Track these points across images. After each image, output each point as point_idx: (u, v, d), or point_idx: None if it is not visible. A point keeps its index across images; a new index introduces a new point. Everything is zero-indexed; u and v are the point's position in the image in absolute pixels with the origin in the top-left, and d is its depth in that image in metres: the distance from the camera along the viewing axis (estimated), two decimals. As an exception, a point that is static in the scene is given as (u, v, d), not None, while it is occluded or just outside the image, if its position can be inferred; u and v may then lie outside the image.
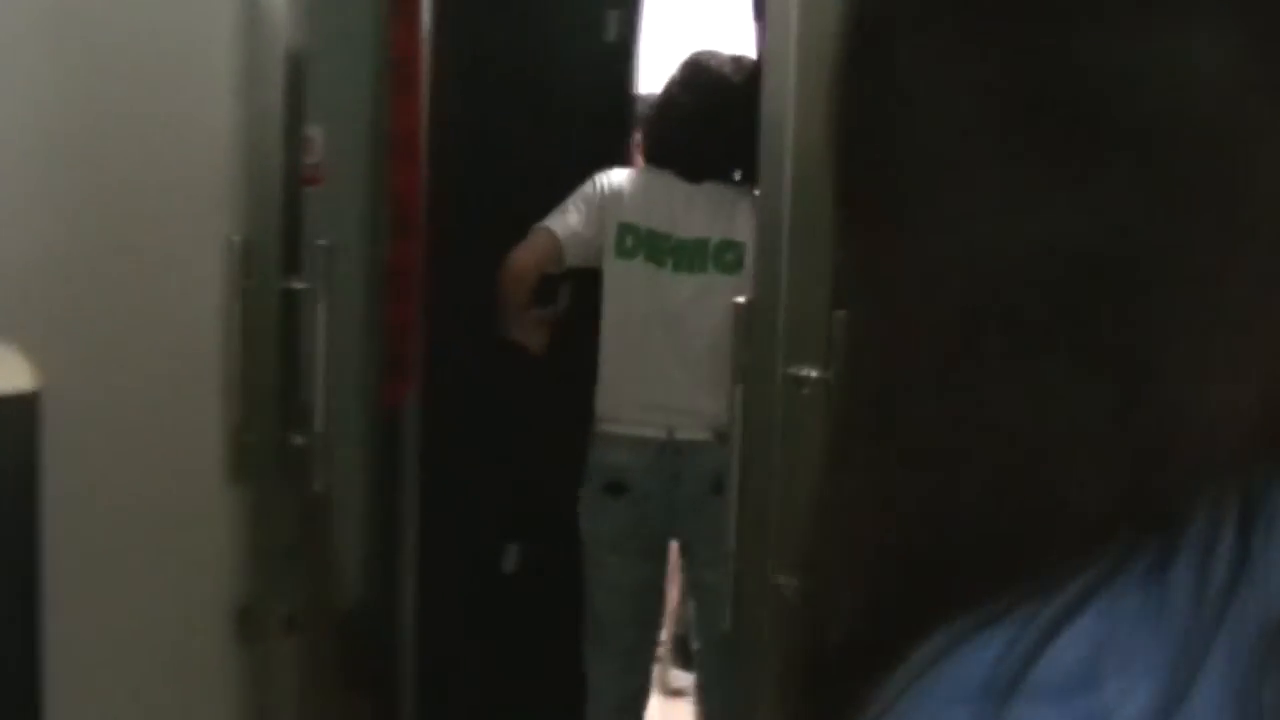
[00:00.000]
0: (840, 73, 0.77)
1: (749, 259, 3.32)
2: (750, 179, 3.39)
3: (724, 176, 3.86)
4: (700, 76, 3.91)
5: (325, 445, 3.18)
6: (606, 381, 3.88)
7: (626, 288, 3.85)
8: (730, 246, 3.74)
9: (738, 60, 3.89)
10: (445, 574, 4.16)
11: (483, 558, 4.21)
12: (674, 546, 4.06)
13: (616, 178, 3.92)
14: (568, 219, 3.87)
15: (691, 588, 4.15)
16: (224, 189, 3.06)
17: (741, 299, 2.47)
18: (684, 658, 4.46)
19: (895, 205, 0.75)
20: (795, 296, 2.38)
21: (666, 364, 3.78)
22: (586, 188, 3.91)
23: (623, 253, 3.84)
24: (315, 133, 3.44)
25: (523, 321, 3.98)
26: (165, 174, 2.98)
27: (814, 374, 2.35)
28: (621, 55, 4.41)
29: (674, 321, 3.79)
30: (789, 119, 2.37)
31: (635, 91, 4.44)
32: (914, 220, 0.74)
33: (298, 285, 3.13)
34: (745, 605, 2.51)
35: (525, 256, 3.89)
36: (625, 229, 3.83)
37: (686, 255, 3.81)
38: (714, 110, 3.82)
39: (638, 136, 4.22)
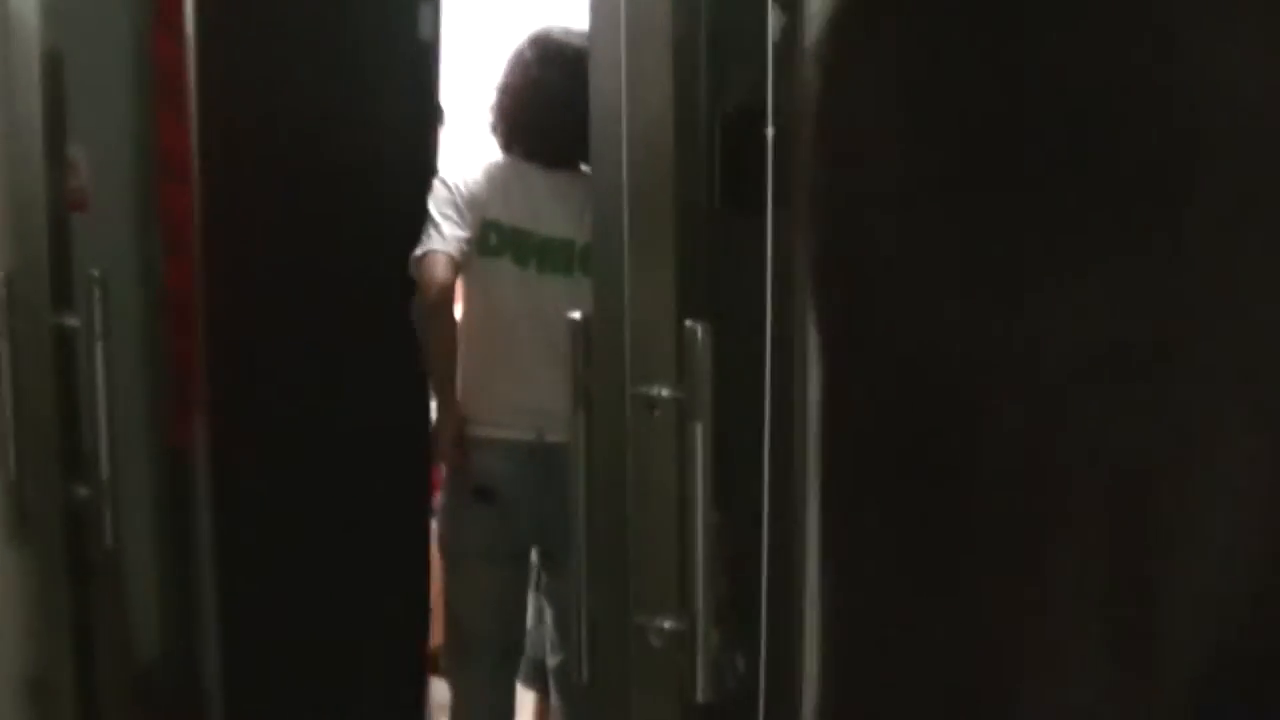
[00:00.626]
0: None
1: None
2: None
3: (583, 161, 3.62)
4: (555, 51, 3.67)
5: (113, 496, 2.90)
6: (471, 383, 3.70)
7: (491, 288, 3.66)
8: None
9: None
10: (251, 624, 3.89)
11: (292, 599, 3.94)
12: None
13: (469, 173, 3.69)
14: (445, 231, 3.61)
15: (549, 594, 3.94)
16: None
17: (577, 314, 2.24)
18: (532, 677, 4.24)
19: None
20: (639, 307, 2.16)
21: (535, 367, 3.59)
22: (440, 193, 3.66)
23: (486, 251, 3.64)
24: (78, 152, 3.16)
25: (451, 388, 3.73)
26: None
27: (665, 393, 2.14)
28: (427, 53, 4.10)
29: (541, 324, 3.58)
30: (622, 104, 2.15)
31: (438, 91, 4.11)
32: None
33: (70, 321, 2.84)
34: (603, 651, 2.29)
35: (429, 280, 3.61)
36: (489, 226, 3.63)
37: (552, 256, 3.62)
38: (578, 86, 3.58)
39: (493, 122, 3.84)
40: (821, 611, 1.04)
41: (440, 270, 3.59)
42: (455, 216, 3.61)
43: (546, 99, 3.62)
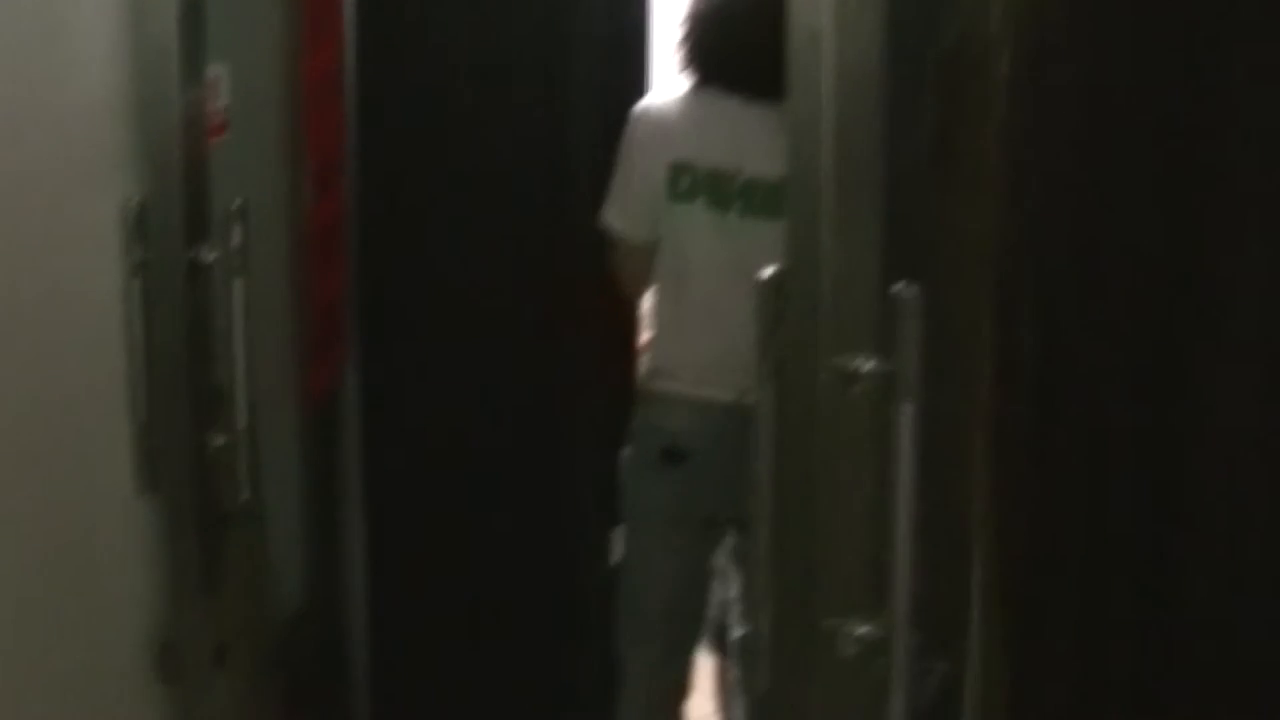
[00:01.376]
0: None
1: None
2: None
3: None
4: None
5: (249, 445, 2.69)
6: (662, 334, 3.44)
7: (685, 237, 3.34)
8: None
9: None
10: (401, 579, 3.68)
11: (441, 556, 3.72)
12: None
13: (660, 109, 3.38)
14: (630, 207, 3.38)
15: (740, 560, 3.66)
16: (113, 143, 2.58)
17: (767, 272, 1.96)
18: (715, 643, 3.99)
19: None
20: (840, 265, 1.88)
21: (734, 321, 3.27)
22: (628, 139, 3.38)
23: (677, 197, 3.32)
24: (219, 72, 2.93)
25: None
26: (40, 129, 2.44)
27: (867, 366, 1.86)
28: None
29: (743, 274, 3.27)
30: (824, 29, 1.87)
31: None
32: None
33: (207, 255, 2.63)
34: (787, 658, 2.02)
35: (628, 285, 3.51)
36: (679, 169, 3.31)
37: (758, 198, 3.28)
38: (771, 7, 3.29)
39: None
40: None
41: (631, 270, 3.47)
42: (636, 176, 3.35)
43: (738, 23, 3.28)
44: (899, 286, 1.81)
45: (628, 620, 3.55)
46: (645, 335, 3.49)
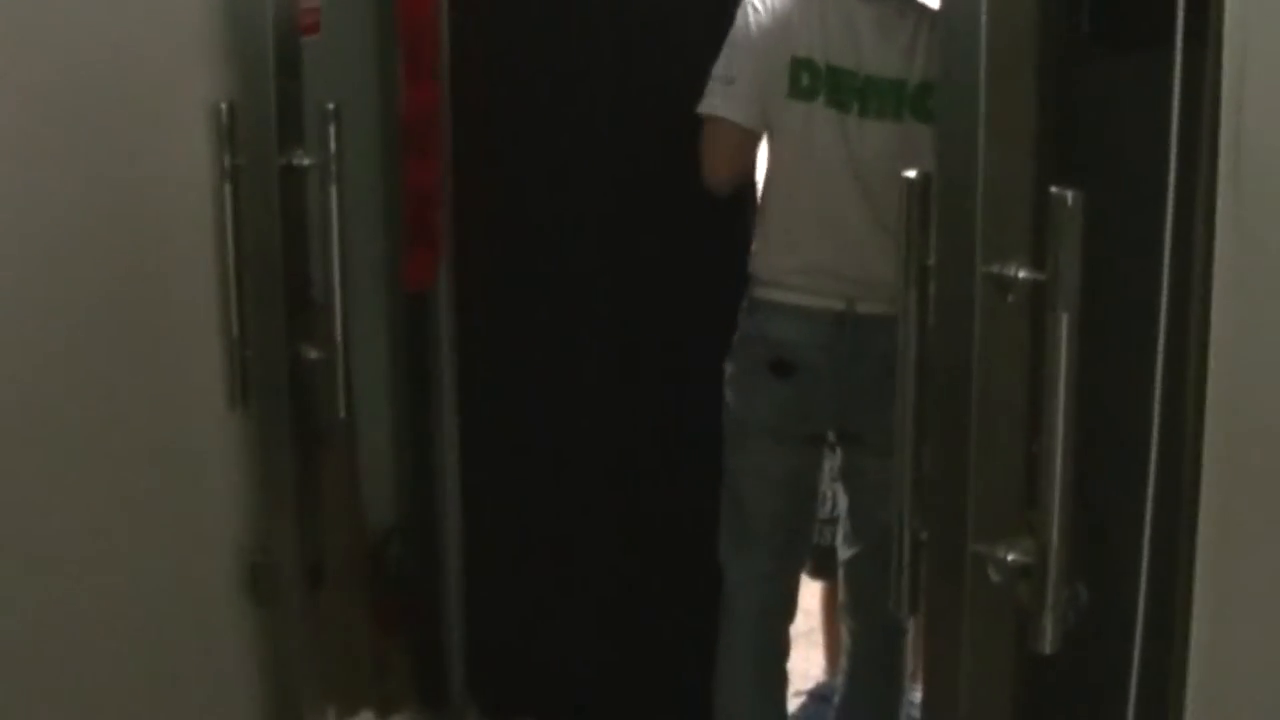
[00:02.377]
0: None
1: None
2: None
3: None
4: None
5: (345, 359, 2.58)
6: (770, 240, 3.28)
7: (802, 135, 3.19)
8: (932, 90, 3.07)
9: None
10: (494, 497, 3.59)
11: (536, 466, 3.62)
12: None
13: (776, 1, 3.20)
14: (738, 90, 3.19)
15: (847, 477, 3.51)
16: (203, 42, 2.47)
17: (912, 173, 1.82)
18: (821, 566, 3.88)
19: None
20: (994, 166, 1.74)
21: (849, 226, 3.18)
22: (740, 29, 3.19)
23: (798, 93, 3.17)
24: (310, -31, 2.84)
25: None
26: (128, 28, 2.36)
27: (1023, 274, 1.73)
28: None
29: (860, 177, 3.17)
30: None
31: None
32: None
33: (301, 160, 2.52)
34: (929, 583, 1.91)
35: (718, 167, 3.26)
36: (800, 65, 3.16)
37: (877, 97, 3.15)
38: None
39: None
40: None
41: (728, 156, 3.26)
42: (752, 65, 3.18)
43: None
44: (1056, 190, 1.67)
45: (730, 530, 3.44)
46: (752, 241, 3.34)
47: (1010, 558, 1.80)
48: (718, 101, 3.20)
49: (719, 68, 3.20)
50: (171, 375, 2.51)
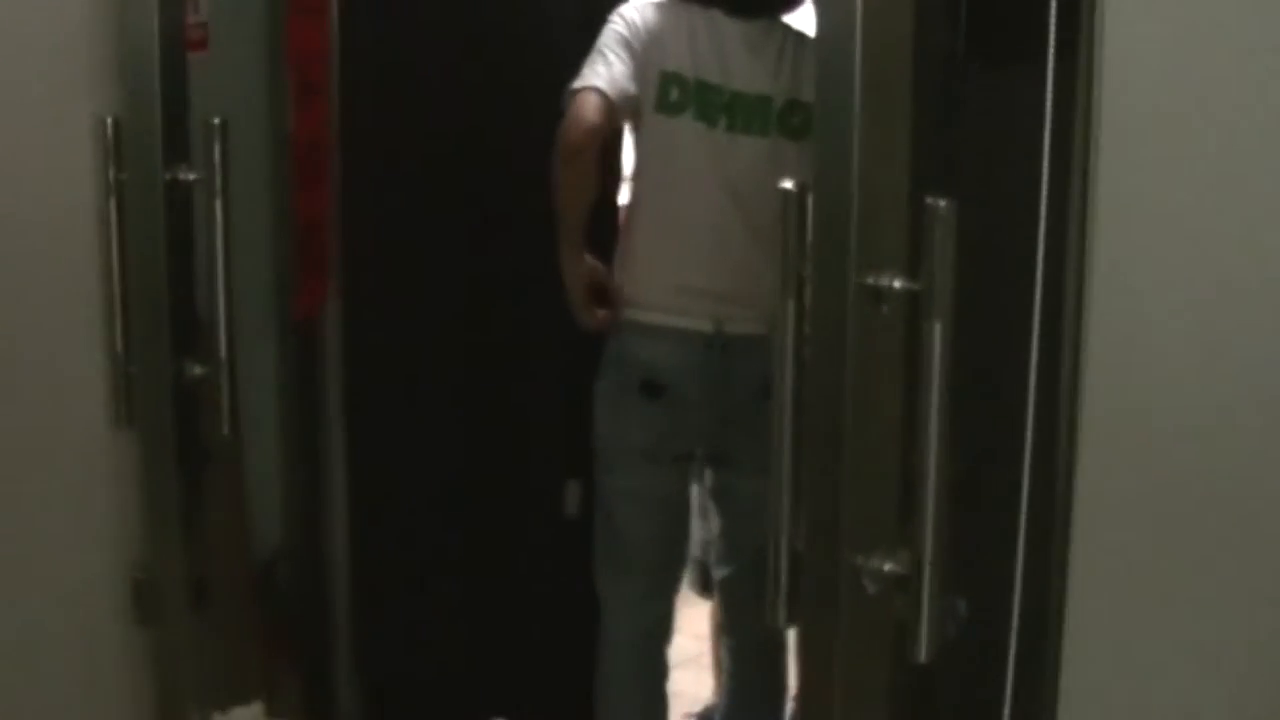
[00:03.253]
0: None
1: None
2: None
3: (778, 9, 3.24)
4: None
5: (230, 375, 2.57)
6: (638, 259, 3.26)
7: (670, 149, 3.19)
8: (798, 108, 3.14)
9: None
10: (380, 514, 3.58)
11: (424, 489, 3.62)
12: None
13: (647, 14, 3.20)
14: (609, 70, 3.14)
15: (719, 498, 3.51)
16: (87, 58, 2.48)
17: (789, 183, 1.84)
18: (703, 584, 3.88)
19: None
20: (870, 178, 1.76)
21: (716, 243, 3.18)
22: (616, 27, 3.18)
23: (665, 107, 3.17)
24: (199, -15, 2.83)
25: (578, 256, 3.29)
26: (13, 40, 2.37)
27: (897, 283, 1.75)
28: None
29: (728, 193, 3.17)
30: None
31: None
32: None
33: (186, 175, 2.52)
34: (806, 594, 1.91)
35: (577, 121, 3.12)
36: (669, 79, 3.17)
37: (744, 113, 3.17)
38: None
39: None
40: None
41: (590, 112, 3.12)
42: (624, 55, 3.15)
43: None
44: (930, 200, 1.69)
45: (606, 555, 3.43)
46: (615, 262, 3.34)
47: (886, 568, 1.81)
48: (586, 77, 3.14)
49: (587, 60, 3.17)
50: (55, 391, 2.50)
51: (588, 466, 3.43)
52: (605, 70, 3.13)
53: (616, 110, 3.15)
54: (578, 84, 3.14)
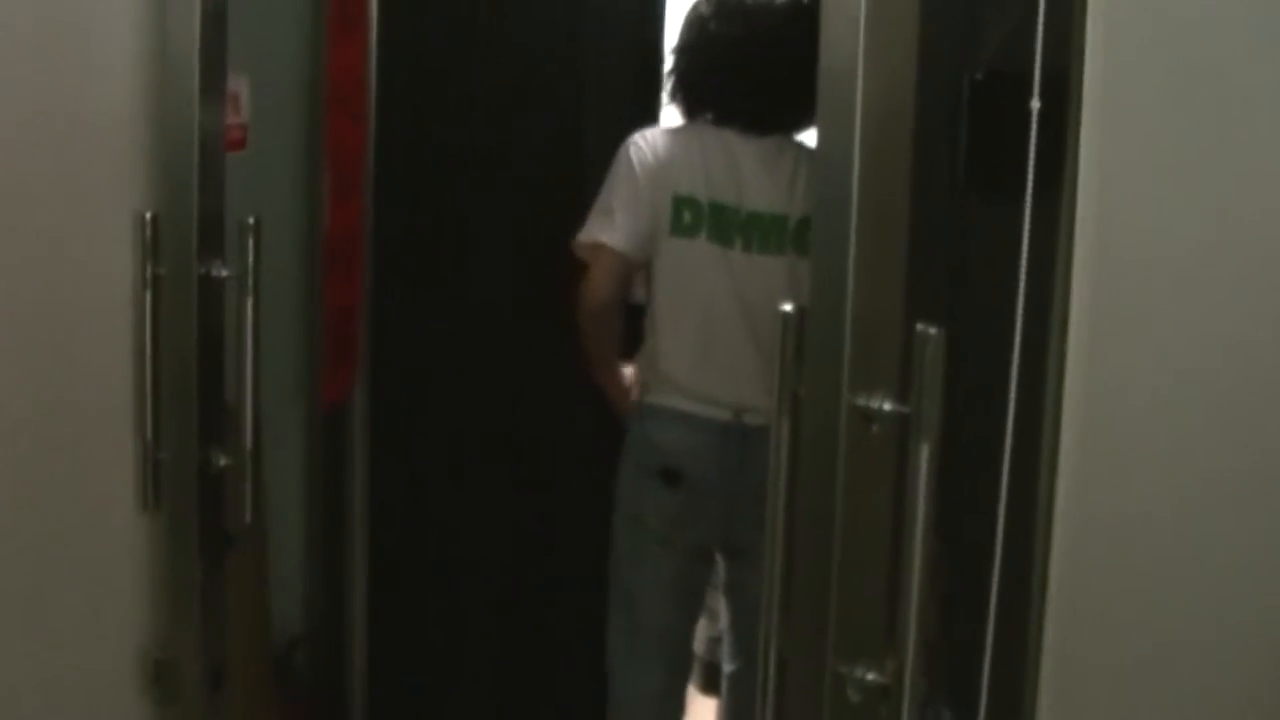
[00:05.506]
0: None
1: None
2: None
3: (791, 128, 3.28)
4: (734, 5, 3.26)
5: (255, 465, 2.64)
6: (660, 350, 3.31)
7: (685, 271, 3.25)
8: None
9: None
10: (401, 603, 3.64)
11: (443, 579, 3.68)
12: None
13: (658, 140, 3.28)
14: (618, 221, 3.22)
15: (730, 592, 3.54)
16: (129, 155, 2.53)
17: (788, 306, 1.91)
18: (711, 683, 3.91)
19: None
20: (863, 302, 1.83)
21: (735, 354, 3.24)
22: (623, 165, 3.25)
23: (680, 230, 3.23)
24: (239, 86, 2.89)
25: (614, 373, 3.42)
26: (56, 138, 2.41)
27: (887, 406, 1.81)
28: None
29: (745, 310, 3.23)
30: (858, 62, 1.81)
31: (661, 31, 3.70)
32: None
33: (220, 271, 2.58)
34: (791, 700, 1.97)
35: (596, 289, 3.25)
36: (682, 203, 3.23)
37: (760, 233, 3.22)
38: (763, 40, 3.21)
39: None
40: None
41: (609, 279, 3.24)
42: (632, 201, 3.22)
43: (730, 56, 3.24)
44: (921, 327, 1.76)
45: (620, 637, 3.45)
46: (641, 361, 3.41)
47: (869, 678, 1.87)
48: (597, 230, 3.23)
49: (599, 202, 3.25)
50: (85, 475, 2.55)
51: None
52: (622, 221, 3.21)
53: (631, 263, 3.24)
54: (588, 236, 3.23)
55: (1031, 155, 1.77)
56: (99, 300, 2.53)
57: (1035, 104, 1.76)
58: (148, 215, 2.52)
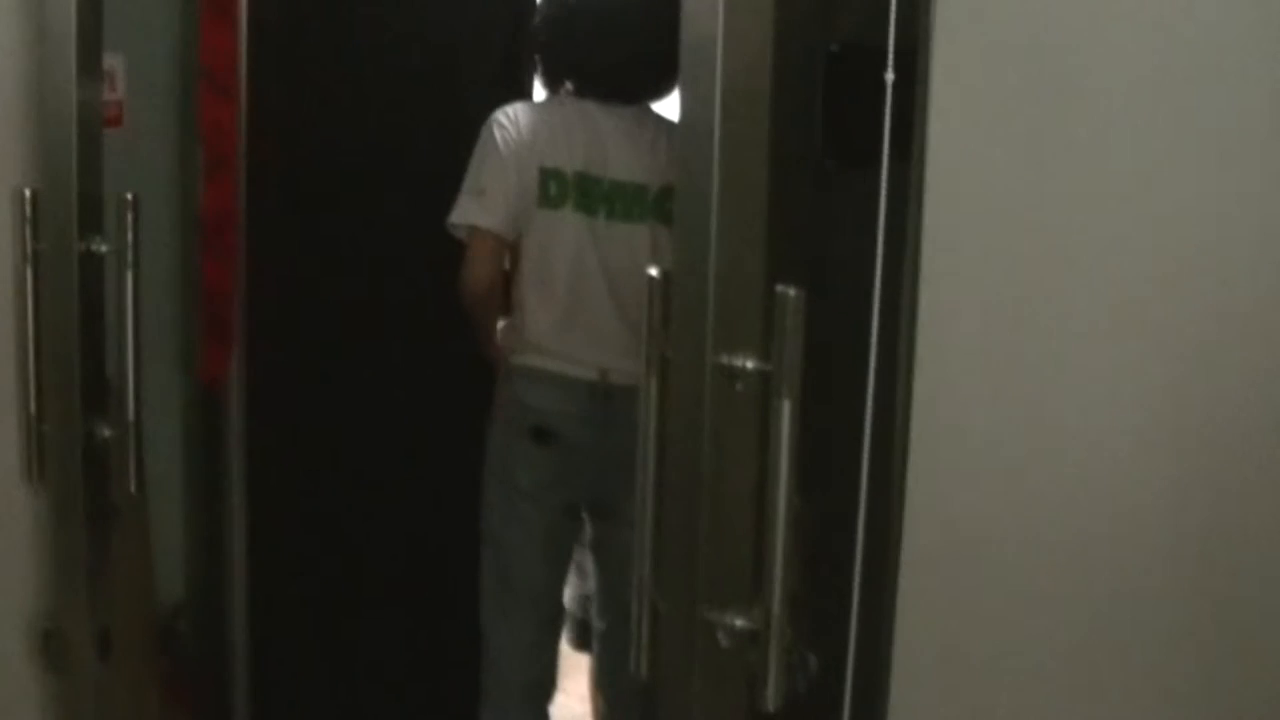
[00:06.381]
0: None
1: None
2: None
3: (650, 98, 3.37)
4: None
5: (137, 437, 2.67)
6: (528, 313, 3.38)
7: (552, 240, 3.33)
8: (673, 194, 3.24)
9: None
10: (279, 570, 3.69)
11: (320, 548, 3.74)
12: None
13: (523, 116, 3.35)
14: (490, 202, 3.30)
15: (598, 549, 3.64)
16: (7, 132, 2.59)
17: (654, 271, 1.99)
18: (582, 639, 3.98)
19: None
20: (726, 266, 1.91)
21: (600, 317, 3.33)
22: (488, 144, 3.32)
23: (548, 202, 3.31)
24: (115, 63, 2.92)
25: (497, 343, 3.49)
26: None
27: (750, 364, 1.90)
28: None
29: (609, 276, 3.33)
30: (718, 35, 1.88)
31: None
32: None
33: (99, 246, 2.60)
34: (664, 647, 2.05)
35: (478, 275, 3.32)
36: (548, 175, 3.31)
37: (623, 202, 3.32)
38: (623, 13, 3.31)
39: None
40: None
41: (487, 263, 3.32)
42: (501, 179, 3.30)
43: (590, 28, 3.33)
44: (781, 288, 1.84)
45: (494, 595, 3.52)
46: (507, 326, 3.49)
47: (738, 624, 1.96)
48: (472, 212, 3.30)
49: (468, 182, 3.31)
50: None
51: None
52: (494, 202, 3.29)
53: (506, 241, 3.32)
54: (462, 217, 3.30)
55: (886, 126, 1.85)
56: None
57: (890, 76, 1.84)
58: (27, 192, 2.54)
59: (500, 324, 3.47)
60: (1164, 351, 1.78)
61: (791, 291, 1.83)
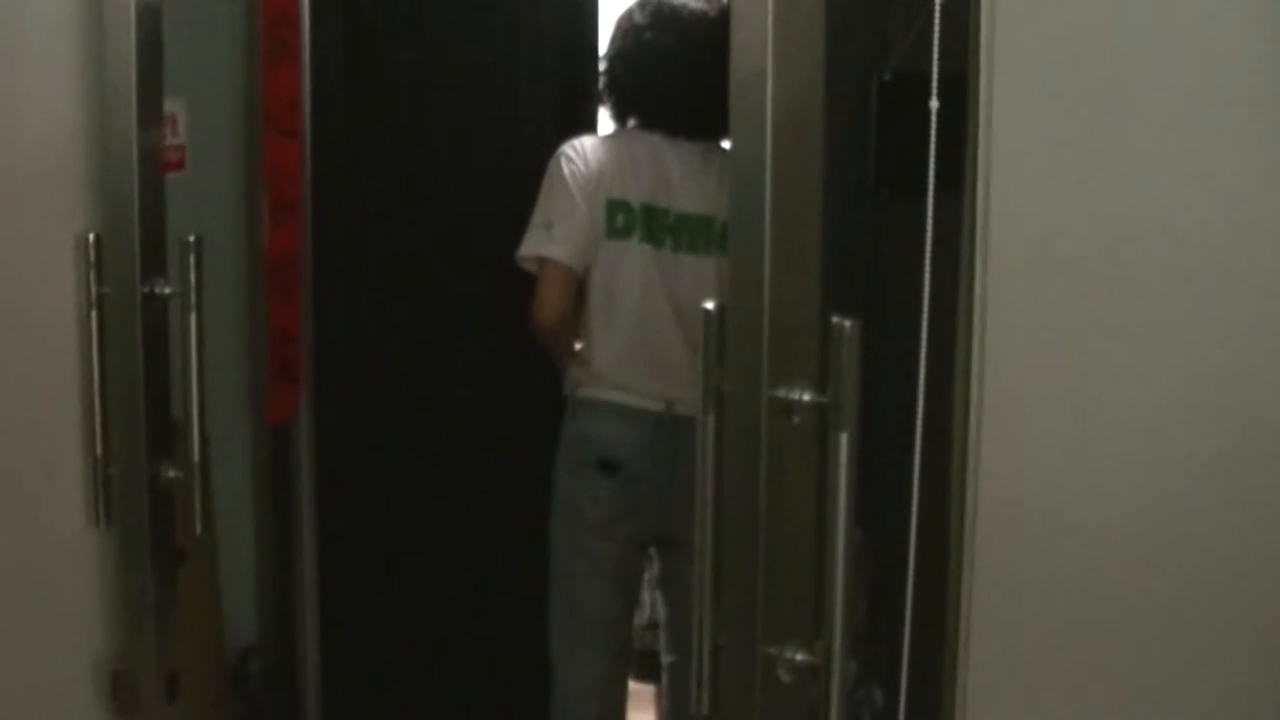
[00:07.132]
0: None
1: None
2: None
3: (716, 134, 3.36)
4: (668, 14, 3.38)
5: (203, 478, 2.68)
6: (593, 346, 3.40)
7: (619, 271, 3.36)
8: None
9: None
10: (351, 611, 3.69)
11: (390, 587, 3.74)
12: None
13: (590, 149, 3.37)
14: (558, 234, 3.31)
15: (665, 585, 3.65)
16: (70, 178, 2.59)
17: (709, 304, 1.98)
18: (647, 672, 3.97)
19: None
20: (780, 298, 1.90)
21: (666, 349, 3.35)
22: (556, 177, 3.34)
23: (614, 233, 3.34)
24: (176, 108, 2.94)
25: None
26: (3, 160, 2.48)
27: (806, 397, 1.89)
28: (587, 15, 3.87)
29: (676, 308, 3.34)
30: (767, 68, 1.87)
31: (595, 43, 3.77)
32: None
33: (163, 289, 2.62)
34: (725, 683, 2.03)
35: (549, 306, 3.33)
36: (615, 206, 3.33)
37: (689, 234, 3.34)
38: (695, 50, 3.32)
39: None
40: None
41: (558, 295, 3.32)
42: (569, 211, 3.31)
43: (663, 64, 3.36)
44: (836, 320, 1.83)
45: (563, 631, 3.52)
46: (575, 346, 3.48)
47: (799, 659, 1.94)
48: (541, 244, 3.31)
49: (537, 215, 3.33)
50: (36, 493, 2.59)
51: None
52: (563, 233, 3.30)
53: (576, 273, 3.32)
54: (533, 250, 3.30)
55: (932, 154, 1.83)
56: (45, 321, 2.58)
57: (934, 104, 1.82)
58: (91, 237, 2.56)
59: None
60: (1238, 378, 1.76)
61: (847, 323, 1.82)
